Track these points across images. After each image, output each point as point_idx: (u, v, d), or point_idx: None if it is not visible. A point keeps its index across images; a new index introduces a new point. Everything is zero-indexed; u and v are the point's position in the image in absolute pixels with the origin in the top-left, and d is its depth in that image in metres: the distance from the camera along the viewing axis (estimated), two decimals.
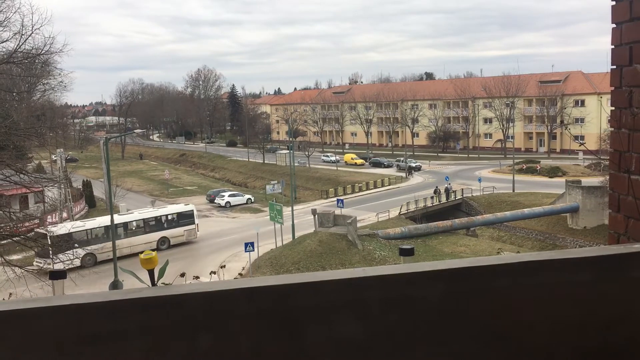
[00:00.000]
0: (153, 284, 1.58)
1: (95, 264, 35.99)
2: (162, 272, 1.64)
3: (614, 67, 2.39)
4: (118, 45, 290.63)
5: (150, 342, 1.38)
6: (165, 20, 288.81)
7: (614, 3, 2.37)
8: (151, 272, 1.60)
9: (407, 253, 1.96)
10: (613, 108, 2.39)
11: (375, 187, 66.53)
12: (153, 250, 1.75)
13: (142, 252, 1.66)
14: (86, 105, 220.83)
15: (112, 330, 1.36)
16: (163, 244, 42.67)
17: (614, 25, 2.37)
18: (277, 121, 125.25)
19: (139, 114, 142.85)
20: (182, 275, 2.97)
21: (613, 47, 2.39)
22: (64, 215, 46.18)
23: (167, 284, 1.51)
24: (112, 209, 32.46)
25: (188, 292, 1.42)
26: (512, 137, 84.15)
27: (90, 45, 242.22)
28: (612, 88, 2.40)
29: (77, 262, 31.66)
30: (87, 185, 60.55)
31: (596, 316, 1.75)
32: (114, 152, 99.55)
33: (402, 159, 79.18)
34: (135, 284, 1.64)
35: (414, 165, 77.21)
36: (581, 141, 78.00)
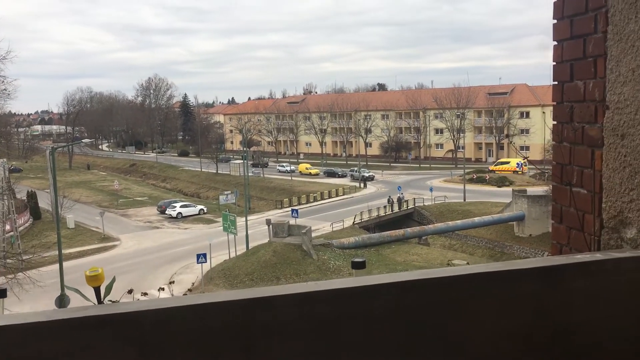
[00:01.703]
0: (99, 301, 1.54)
1: None
2: (108, 289, 1.59)
3: (556, 82, 2.48)
4: (66, 53, 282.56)
5: None
6: (116, 28, 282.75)
7: (555, 21, 2.47)
8: (97, 290, 1.55)
9: (359, 266, 1.97)
10: (555, 122, 2.48)
11: (329, 197, 66.80)
12: None
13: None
14: (31, 114, 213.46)
15: (56, 352, 1.31)
16: None
17: (556, 43, 2.47)
18: (231, 131, 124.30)
19: (87, 123, 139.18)
20: (130, 291, 2.88)
21: (555, 63, 2.48)
22: (7, 227, 44.37)
23: (114, 302, 1.47)
24: (58, 221, 31.40)
25: (136, 309, 1.39)
26: (463, 148, 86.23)
27: (36, 52, 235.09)
28: (554, 103, 2.49)
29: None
30: (31, 196, 58.40)
31: (541, 326, 1.79)
32: (61, 162, 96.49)
33: (356, 169, 79.79)
34: (83, 301, 1.60)
35: (367, 175, 77.90)
36: (525, 155, 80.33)
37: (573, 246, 2.31)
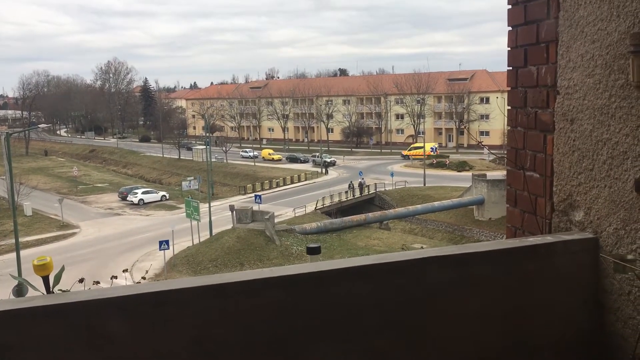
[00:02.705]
0: (48, 291, 1.50)
1: None
2: (57, 278, 1.55)
3: (511, 68, 2.51)
4: (20, 35, 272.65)
5: (44, 352, 1.30)
6: (72, 9, 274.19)
7: (510, 7, 2.50)
8: (46, 279, 1.51)
9: (314, 252, 1.98)
10: (509, 107, 2.52)
11: (292, 182, 66.76)
12: None
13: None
14: None
15: (3, 342, 1.27)
16: None
17: (510, 28, 2.50)
18: (194, 116, 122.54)
19: (44, 108, 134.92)
20: (81, 280, 2.82)
21: (509, 49, 2.51)
22: None
23: (63, 291, 1.43)
24: (14, 208, 30.49)
25: (85, 299, 1.36)
26: (423, 133, 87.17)
27: None
28: (509, 88, 2.52)
29: None
30: None
31: (495, 307, 1.83)
32: (17, 148, 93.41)
33: (317, 154, 79.87)
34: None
35: (328, 160, 78.03)
36: (480, 140, 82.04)
37: (527, 229, 2.36)
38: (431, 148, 79.86)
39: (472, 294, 1.79)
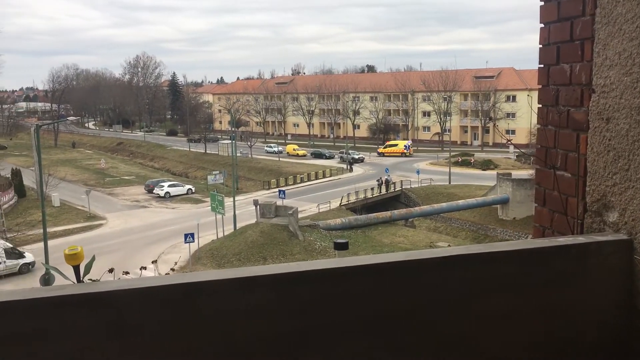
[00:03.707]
0: (79, 280, 1.52)
1: None
2: (88, 268, 1.57)
3: (542, 65, 2.47)
4: (49, 29, 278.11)
5: (74, 341, 1.32)
6: (100, 4, 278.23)
7: (542, 3, 2.45)
8: (76, 268, 1.53)
9: (341, 247, 1.97)
10: (540, 105, 2.48)
11: (316, 178, 66.83)
12: None
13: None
14: (16, 91, 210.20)
15: (33, 330, 1.30)
16: None
17: (542, 25, 2.45)
18: (220, 111, 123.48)
19: (73, 101, 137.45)
20: (111, 270, 2.88)
21: (541, 46, 2.47)
22: None
23: (93, 280, 1.46)
24: (43, 199, 31.17)
25: (115, 289, 1.38)
26: (449, 131, 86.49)
27: (19, 28, 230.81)
28: (540, 86, 2.48)
29: None
30: (16, 173, 57.76)
31: (523, 308, 1.81)
32: (46, 140, 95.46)
33: (345, 150, 79.92)
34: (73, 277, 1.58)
35: (356, 157, 77.97)
36: (509, 138, 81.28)
37: (556, 229, 2.32)
38: (405, 145, 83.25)
39: (499, 294, 1.76)
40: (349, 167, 72.24)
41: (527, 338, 1.82)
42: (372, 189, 55.46)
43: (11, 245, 34.70)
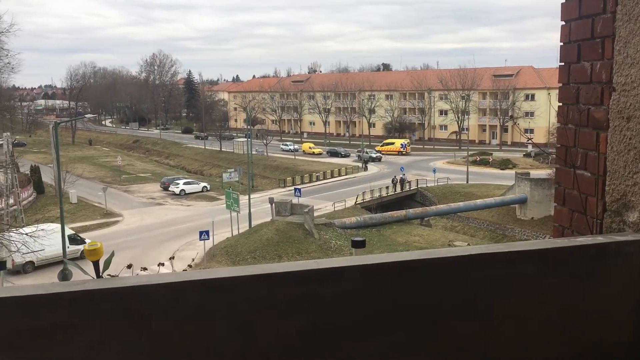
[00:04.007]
0: (98, 275, 1.54)
1: None
2: (107, 263, 1.59)
3: (562, 64, 2.45)
4: (66, 27, 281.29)
5: (93, 335, 1.34)
6: (117, 2, 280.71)
7: (563, 1, 2.43)
8: (96, 264, 1.55)
9: (359, 245, 1.97)
10: (560, 104, 2.46)
11: (332, 176, 66.83)
12: None
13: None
14: (35, 88, 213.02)
15: (54, 324, 1.31)
16: None
17: (563, 23, 2.43)
18: (235, 109, 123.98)
19: (90, 98, 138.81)
20: (129, 266, 2.90)
21: (562, 44, 2.45)
22: (11, 201, 44.58)
23: (112, 276, 1.47)
24: (61, 195, 31.56)
25: (135, 284, 1.39)
26: (467, 129, 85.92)
27: (37, 26, 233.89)
28: (560, 84, 2.46)
29: None
30: (35, 170, 58.54)
31: (542, 308, 1.79)
32: (64, 137, 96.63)
33: (363, 149, 79.96)
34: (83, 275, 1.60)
35: (374, 155, 77.89)
36: (529, 136, 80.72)
37: (575, 229, 2.30)
38: (401, 144, 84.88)
39: (519, 294, 1.75)
40: (364, 166, 72.15)
41: (546, 339, 1.81)
42: (387, 187, 55.32)
43: (74, 232, 37.63)
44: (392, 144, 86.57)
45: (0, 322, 1.27)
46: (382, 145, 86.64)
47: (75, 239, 35.61)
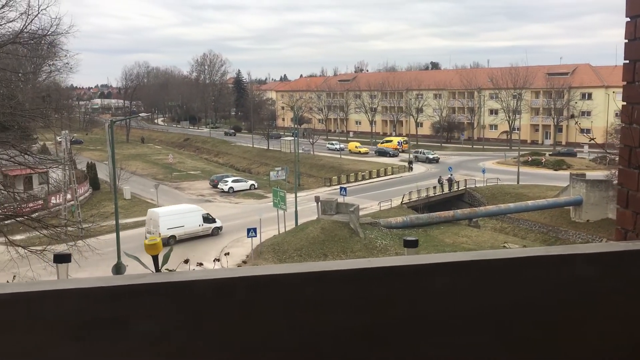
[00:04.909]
0: (157, 269, 1.57)
1: None
2: (166, 258, 1.62)
3: (627, 61, 2.35)
4: (122, 28, 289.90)
5: (153, 329, 1.37)
6: (169, 3, 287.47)
7: None
8: (155, 258, 1.59)
9: (411, 245, 1.95)
10: (624, 103, 2.36)
11: (378, 176, 66.51)
12: None
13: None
14: (91, 88, 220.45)
15: (115, 316, 1.35)
16: None
17: (628, 19, 2.34)
18: (283, 108, 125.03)
19: (144, 98, 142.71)
20: (186, 261, 2.97)
21: (627, 41, 2.35)
22: (68, 196, 46.33)
23: (170, 270, 1.50)
24: (115, 192, 32.61)
25: (193, 279, 1.41)
26: (518, 129, 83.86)
27: (94, 27, 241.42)
28: (624, 83, 2.36)
29: None
30: (91, 167, 60.66)
31: (600, 312, 1.74)
32: (118, 135, 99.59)
33: (420, 150, 79.17)
34: (140, 269, 1.64)
35: (431, 156, 76.42)
36: (592, 136, 78.17)
37: (639, 232, 2.21)
38: (398, 142, 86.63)
39: (577, 297, 1.70)
40: (409, 166, 71.33)
41: (605, 346, 1.75)
42: (434, 187, 54.62)
43: (207, 212, 42.84)
44: (390, 141, 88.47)
45: (65, 314, 1.32)
46: (382, 143, 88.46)
47: (207, 219, 41.76)
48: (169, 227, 38.81)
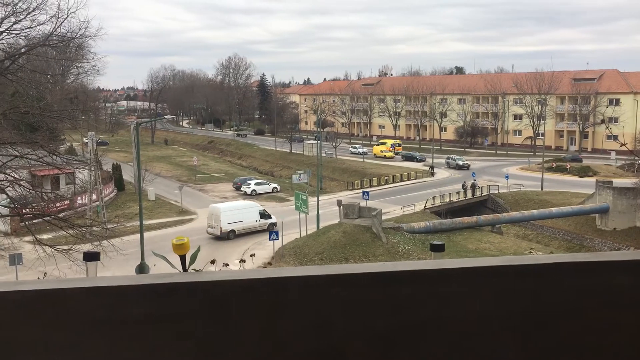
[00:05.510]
0: (184, 269, 1.60)
1: None
2: (193, 258, 1.65)
3: None
4: (148, 31, 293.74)
5: (180, 327, 1.39)
6: (196, 7, 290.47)
7: None
8: (182, 258, 1.61)
9: (437, 249, 1.94)
10: None
11: (401, 180, 66.21)
12: None
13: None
14: (118, 90, 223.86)
15: (142, 314, 1.37)
16: None
17: None
18: (306, 111, 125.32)
19: (169, 100, 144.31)
20: (213, 262, 3.00)
21: None
22: (94, 197, 47.05)
23: (197, 270, 1.53)
24: (140, 193, 33.00)
25: (219, 279, 1.44)
26: (543, 135, 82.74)
27: (121, 30, 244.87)
28: None
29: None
30: (116, 168, 61.49)
31: (631, 321, 1.71)
32: (144, 137, 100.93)
33: (452, 156, 78.39)
34: (164, 268, 1.66)
35: (461, 163, 74.88)
36: (623, 142, 76.69)
37: None
38: (391, 145, 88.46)
39: (607, 305, 1.68)
40: (430, 171, 70.71)
41: (635, 356, 1.72)
42: (458, 193, 54.16)
43: (263, 208, 44.84)
44: (384, 144, 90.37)
45: (96, 310, 1.35)
46: (376, 145, 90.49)
47: (264, 215, 43.54)
48: (229, 222, 40.84)
